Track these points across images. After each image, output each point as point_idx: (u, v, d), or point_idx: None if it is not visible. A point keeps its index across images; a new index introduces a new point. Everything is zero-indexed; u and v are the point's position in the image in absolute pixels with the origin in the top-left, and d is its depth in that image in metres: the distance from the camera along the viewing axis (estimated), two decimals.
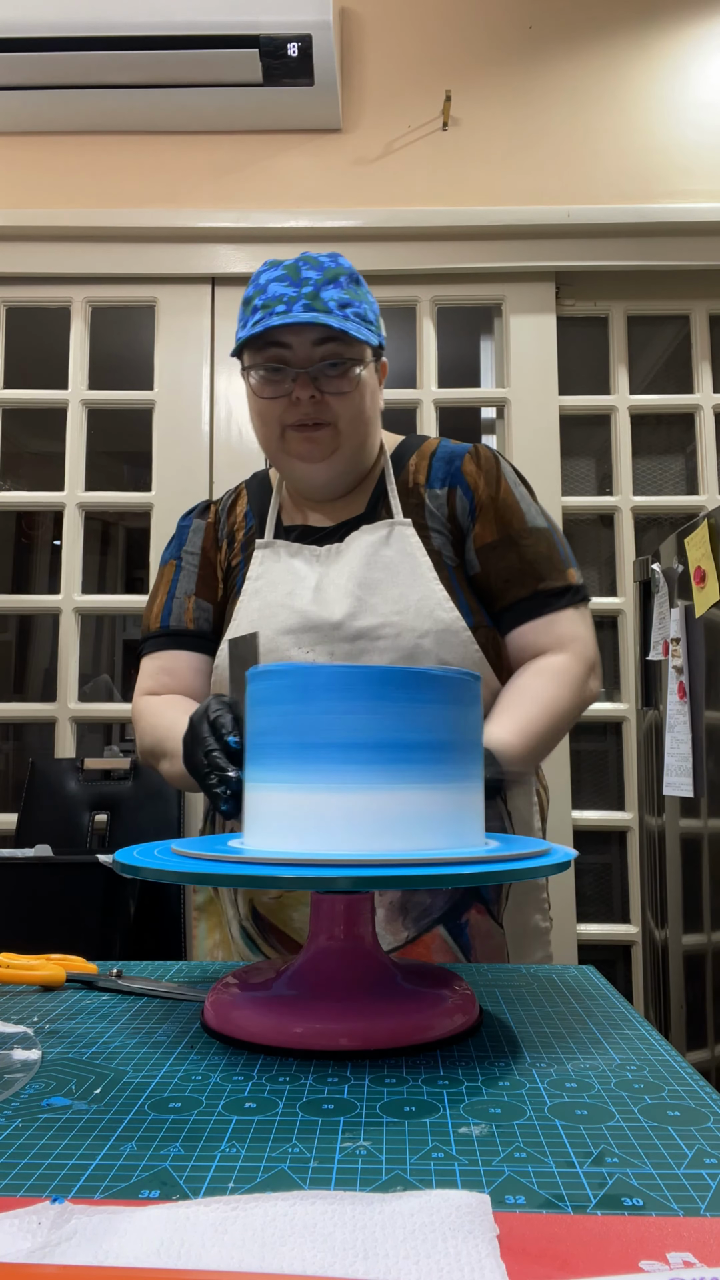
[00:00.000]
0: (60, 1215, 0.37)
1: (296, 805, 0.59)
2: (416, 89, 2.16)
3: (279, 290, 0.99)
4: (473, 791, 0.63)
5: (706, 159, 2.13)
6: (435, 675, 0.61)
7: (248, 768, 0.64)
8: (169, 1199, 0.39)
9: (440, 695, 0.60)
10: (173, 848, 0.63)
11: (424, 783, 0.59)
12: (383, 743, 0.58)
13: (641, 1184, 0.41)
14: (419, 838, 0.59)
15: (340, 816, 0.58)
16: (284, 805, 0.60)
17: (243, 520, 1.11)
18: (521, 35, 2.17)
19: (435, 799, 0.59)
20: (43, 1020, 0.65)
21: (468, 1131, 0.46)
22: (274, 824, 0.60)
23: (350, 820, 0.58)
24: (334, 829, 0.58)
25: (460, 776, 0.61)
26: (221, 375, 2.14)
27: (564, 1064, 0.56)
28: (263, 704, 0.62)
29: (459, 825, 0.61)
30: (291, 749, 0.60)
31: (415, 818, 0.59)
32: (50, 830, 1.86)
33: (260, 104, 2.07)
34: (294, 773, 0.59)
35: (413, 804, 0.59)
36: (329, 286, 0.98)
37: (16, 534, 4.42)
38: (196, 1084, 0.53)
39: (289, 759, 0.60)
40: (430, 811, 0.59)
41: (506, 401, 2.13)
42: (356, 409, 1.00)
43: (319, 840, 0.58)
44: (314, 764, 0.59)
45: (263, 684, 0.63)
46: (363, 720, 0.58)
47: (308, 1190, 0.40)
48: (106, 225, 2.11)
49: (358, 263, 2.14)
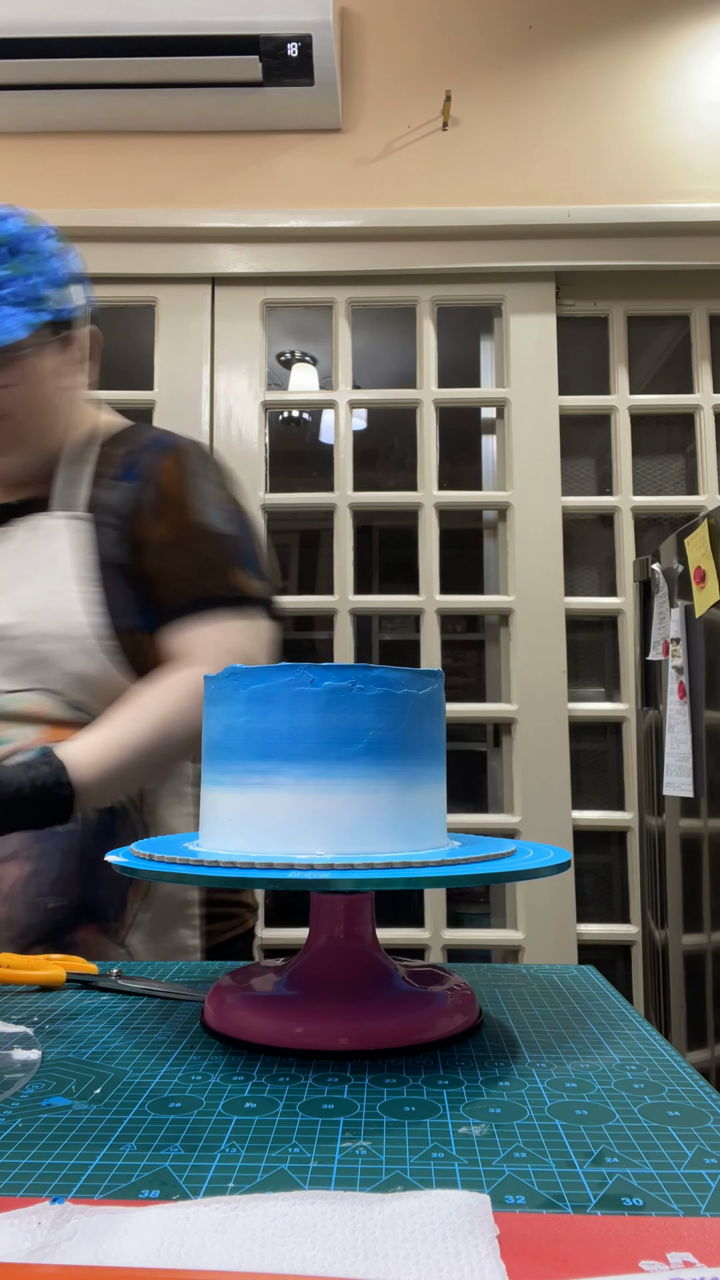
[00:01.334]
0: (60, 1215, 0.37)
1: (251, 806, 0.59)
2: (416, 89, 2.16)
3: None
4: (432, 790, 0.62)
5: (706, 159, 2.13)
6: (392, 674, 0.60)
7: (204, 768, 0.64)
8: (169, 1199, 0.39)
9: (394, 693, 0.60)
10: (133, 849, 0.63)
11: (378, 780, 0.59)
12: (334, 740, 0.58)
13: (641, 1184, 0.41)
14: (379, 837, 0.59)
15: (298, 816, 0.58)
16: (239, 806, 0.60)
17: None
18: (521, 35, 2.18)
19: (391, 798, 0.59)
20: (43, 1020, 0.65)
21: (468, 1131, 0.46)
22: (229, 826, 0.60)
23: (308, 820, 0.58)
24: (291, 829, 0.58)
25: (416, 775, 0.61)
26: (221, 375, 2.14)
27: (564, 1064, 0.56)
28: (217, 704, 0.62)
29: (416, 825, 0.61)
30: (243, 749, 0.60)
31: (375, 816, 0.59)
32: None
33: (260, 104, 2.07)
34: (245, 773, 0.59)
35: (366, 803, 0.59)
36: None
37: None
38: (196, 1084, 0.53)
39: (242, 759, 0.60)
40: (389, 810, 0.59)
41: (506, 401, 2.13)
42: (31, 398, 0.95)
43: (273, 840, 0.58)
44: (266, 763, 0.59)
45: (216, 685, 0.63)
46: (318, 719, 0.58)
47: (308, 1190, 0.40)
48: (106, 225, 2.11)
49: (357, 263, 2.15)
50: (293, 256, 2.13)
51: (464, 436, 2.43)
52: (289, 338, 3.19)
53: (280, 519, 2.18)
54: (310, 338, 3.17)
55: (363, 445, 2.37)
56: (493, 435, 2.24)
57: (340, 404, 2.15)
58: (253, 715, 0.60)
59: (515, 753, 2.04)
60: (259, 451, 2.12)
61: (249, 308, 2.16)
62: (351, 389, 2.16)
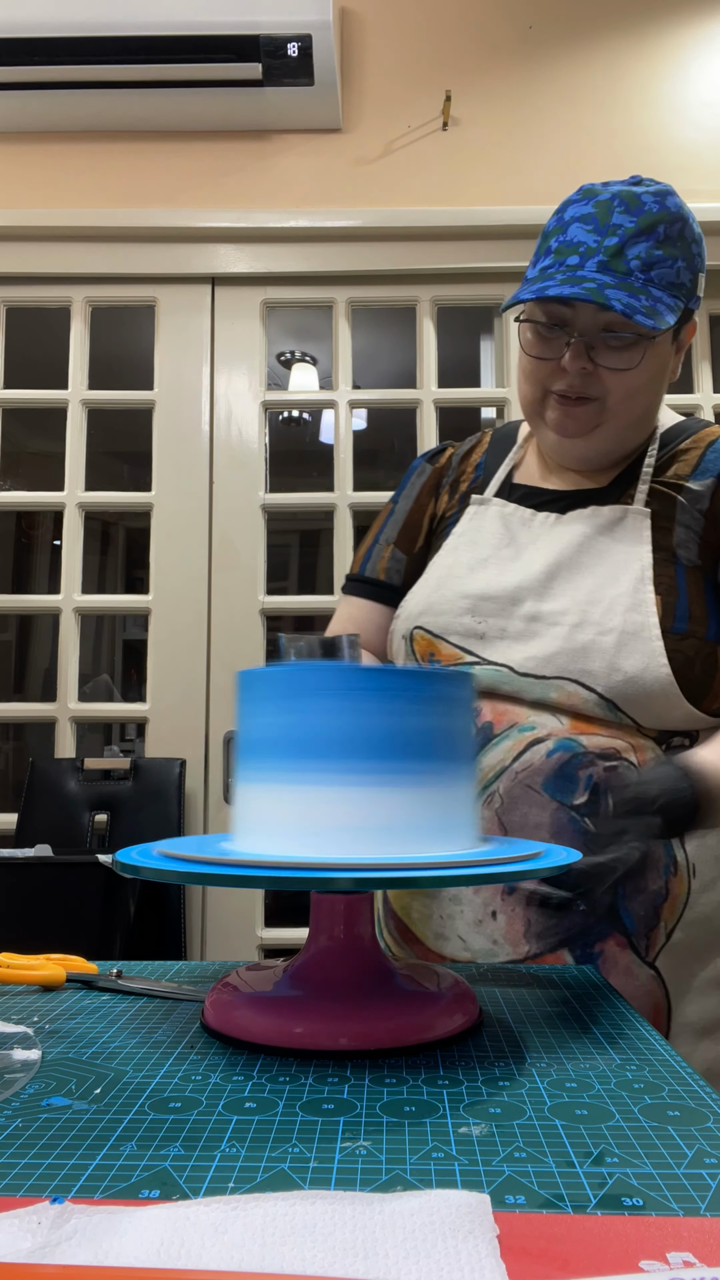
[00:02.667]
0: (60, 1215, 0.37)
1: (288, 805, 0.59)
2: (416, 89, 2.16)
3: (579, 235, 0.86)
4: (461, 792, 0.63)
5: (706, 159, 2.13)
6: (423, 674, 0.61)
7: (239, 767, 0.64)
8: (169, 1199, 0.39)
9: (426, 694, 0.60)
10: (156, 849, 0.63)
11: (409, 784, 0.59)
12: (368, 741, 0.58)
13: (641, 1184, 0.41)
14: (407, 838, 0.59)
15: (331, 816, 0.58)
16: (276, 804, 0.60)
17: (473, 470, 1.04)
18: (521, 35, 2.17)
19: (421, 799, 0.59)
20: (43, 1020, 0.65)
21: (468, 1131, 0.46)
22: (266, 824, 0.60)
23: (341, 820, 0.58)
24: (325, 829, 0.58)
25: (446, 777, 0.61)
26: (221, 375, 2.14)
27: (564, 1064, 0.56)
28: (254, 703, 0.62)
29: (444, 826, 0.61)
30: (281, 748, 0.60)
31: (402, 817, 0.59)
32: (50, 830, 1.86)
33: (260, 104, 2.07)
34: (283, 772, 0.59)
35: (397, 804, 0.59)
36: (639, 240, 0.84)
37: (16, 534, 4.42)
38: (196, 1084, 0.53)
39: (279, 758, 0.60)
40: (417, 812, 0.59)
41: (506, 401, 2.13)
42: (633, 387, 0.88)
43: (312, 840, 0.58)
44: (301, 762, 0.59)
45: (254, 683, 0.63)
46: (350, 720, 0.58)
47: (308, 1190, 0.40)
48: (106, 225, 2.11)
49: (358, 263, 2.15)
50: (293, 256, 2.13)
51: (464, 436, 2.43)
52: (289, 338, 3.20)
53: (280, 519, 2.18)
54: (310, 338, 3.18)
55: (363, 445, 2.37)
56: None
57: (340, 404, 2.15)
58: (285, 715, 0.60)
59: None
60: (259, 451, 2.12)
61: (249, 308, 2.16)
62: (351, 389, 2.16)
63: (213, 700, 2.03)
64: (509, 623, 0.90)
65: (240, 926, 1.98)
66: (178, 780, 1.93)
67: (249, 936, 1.97)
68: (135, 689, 4.47)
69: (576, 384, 0.88)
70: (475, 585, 0.93)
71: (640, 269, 0.84)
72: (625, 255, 0.84)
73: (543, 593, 0.90)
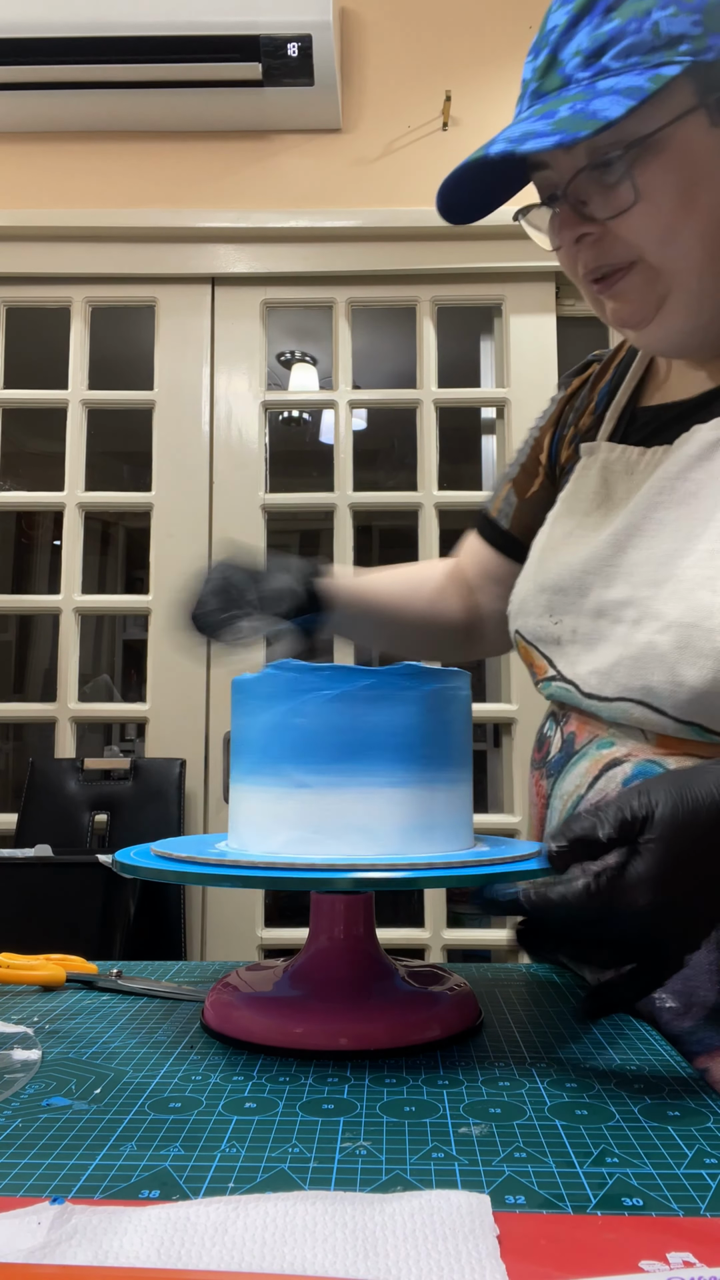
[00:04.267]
0: (60, 1215, 0.37)
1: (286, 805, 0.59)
2: (416, 89, 2.16)
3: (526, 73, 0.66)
4: (459, 792, 0.62)
5: None
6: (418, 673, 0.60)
7: (234, 768, 0.64)
8: (169, 1199, 0.39)
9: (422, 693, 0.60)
10: (155, 849, 0.63)
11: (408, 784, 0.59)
12: (366, 742, 0.58)
13: (641, 1184, 0.41)
14: (406, 839, 0.59)
15: (330, 816, 0.58)
16: (274, 805, 0.60)
17: (596, 398, 0.80)
18: (521, 35, 2.17)
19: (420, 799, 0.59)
20: (43, 1020, 0.65)
21: (468, 1131, 0.46)
22: (265, 824, 0.60)
23: (340, 820, 0.58)
24: (324, 829, 0.58)
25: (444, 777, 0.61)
26: (221, 375, 2.14)
27: (564, 1064, 0.56)
28: (246, 703, 0.62)
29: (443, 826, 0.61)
30: (277, 749, 0.60)
31: (401, 817, 0.59)
32: (50, 830, 1.86)
33: (260, 104, 2.07)
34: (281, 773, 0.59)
35: (396, 804, 0.59)
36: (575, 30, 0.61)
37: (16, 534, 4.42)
38: (196, 1084, 0.53)
39: (275, 759, 0.60)
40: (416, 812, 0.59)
41: (506, 401, 2.13)
42: (661, 225, 0.62)
43: (310, 840, 0.58)
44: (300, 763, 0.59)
45: (249, 683, 0.63)
46: (347, 720, 0.58)
47: (308, 1190, 0.40)
48: (106, 225, 2.11)
49: (358, 263, 2.15)
50: (293, 256, 2.13)
51: (464, 436, 2.43)
52: (289, 338, 3.19)
53: (280, 519, 2.18)
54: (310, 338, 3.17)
55: (363, 445, 2.37)
56: (493, 435, 2.23)
57: (340, 404, 2.15)
58: (281, 715, 0.60)
59: (515, 753, 2.04)
60: (259, 451, 2.12)
61: (249, 308, 2.16)
62: (351, 389, 2.16)
63: (212, 700, 2.03)
64: (579, 620, 0.69)
65: (240, 926, 1.98)
66: (177, 780, 1.93)
67: (249, 936, 1.97)
68: (135, 689, 4.47)
69: (589, 257, 0.66)
70: (551, 573, 0.72)
71: (582, 65, 0.61)
72: (559, 63, 0.62)
73: (610, 573, 0.67)
